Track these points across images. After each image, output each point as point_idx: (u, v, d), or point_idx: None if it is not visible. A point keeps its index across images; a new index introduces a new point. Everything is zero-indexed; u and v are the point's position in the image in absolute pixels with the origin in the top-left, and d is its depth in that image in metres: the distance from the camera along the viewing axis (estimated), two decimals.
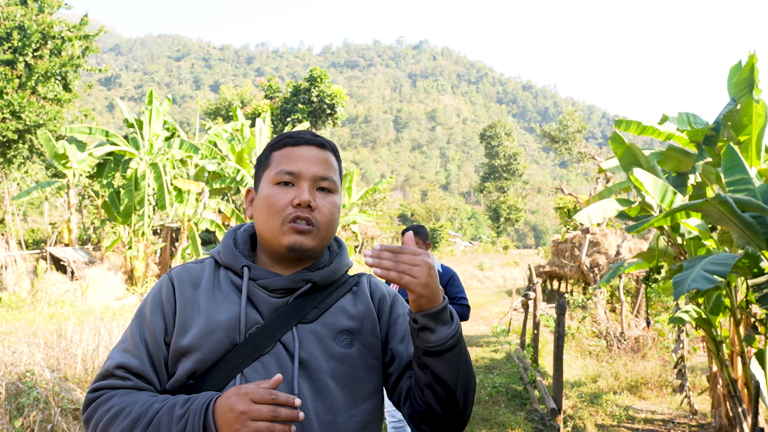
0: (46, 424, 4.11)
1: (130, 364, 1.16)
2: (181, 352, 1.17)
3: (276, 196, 1.22)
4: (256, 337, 1.17)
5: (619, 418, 6.03)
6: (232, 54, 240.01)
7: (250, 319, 1.19)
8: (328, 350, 1.19)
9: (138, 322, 1.23)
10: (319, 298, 1.25)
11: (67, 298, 12.93)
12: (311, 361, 1.17)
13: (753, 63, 4.30)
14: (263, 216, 1.24)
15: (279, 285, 1.23)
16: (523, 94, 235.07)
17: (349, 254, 1.41)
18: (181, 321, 1.19)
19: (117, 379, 1.15)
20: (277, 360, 1.16)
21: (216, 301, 1.21)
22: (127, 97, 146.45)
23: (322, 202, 1.24)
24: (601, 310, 11.01)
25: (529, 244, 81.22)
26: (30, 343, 6.07)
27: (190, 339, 1.16)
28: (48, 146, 14.78)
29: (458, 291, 3.85)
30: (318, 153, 1.27)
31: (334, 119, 26.21)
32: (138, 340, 1.19)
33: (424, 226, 4.32)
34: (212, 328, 1.17)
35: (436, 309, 1.10)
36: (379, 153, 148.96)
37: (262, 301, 1.21)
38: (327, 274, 1.27)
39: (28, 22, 14.89)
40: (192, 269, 1.28)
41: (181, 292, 1.23)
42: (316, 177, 1.24)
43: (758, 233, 3.63)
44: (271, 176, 1.25)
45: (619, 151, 4.86)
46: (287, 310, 1.21)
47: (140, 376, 1.16)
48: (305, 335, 1.19)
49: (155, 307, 1.22)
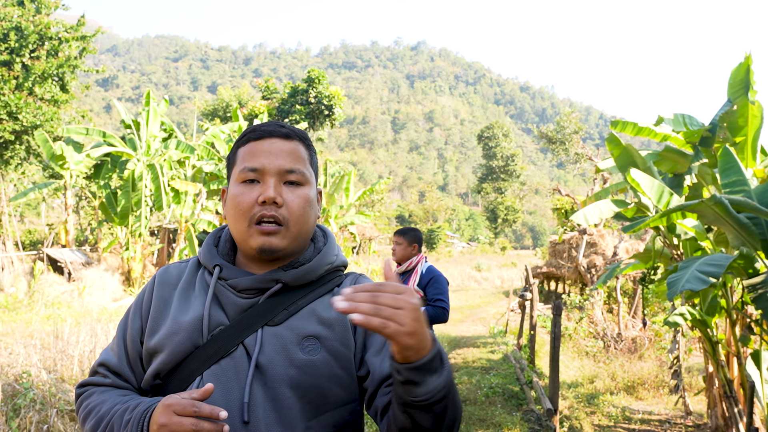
0: (42, 425, 4.10)
1: (110, 362, 1.21)
2: (150, 353, 1.17)
3: (241, 196, 1.16)
4: (218, 339, 1.13)
5: (615, 418, 6.04)
6: (230, 55, 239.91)
7: (215, 320, 1.15)
8: (288, 356, 1.11)
9: (123, 321, 1.25)
10: (291, 300, 1.17)
11: (63, 300, 12.90)
12: (269, 367, 1.10)
13: (748, 64, 4.32)
14: (231, 218, 1.19)
15: (247, 285, 1.17)
16: (521, 95, 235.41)
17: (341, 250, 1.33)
18: (152, 322, 1.19)
19: (99, 376, 1.22)
20: (235, 364, 1.11)
21: (187, 301, 1.20)
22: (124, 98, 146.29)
23: (290, 197, 1.17)
24: (598, 310, 11.03)
25: (527, 245, 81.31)
26: (27, 344, 6.07)
27: (156, 340, 1.16)
28: (45, 147, 14.76)
29: (437, 293, 3.77)
30: (283, 144, 1.19)
31: (332, 120, 26.22)
32: (120, 339, 1.23)
33: (416, 228, 4.27)
34: (176, 329, 1.15)
35: (424, 360, 0.93)
36: (377, 154, 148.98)
37: (228, 302, 1.17)
38: (300, 274, 1.19)
39: (25, 23, 14.88)
40: (175, 269, 1.28)
41: (159, 292, 1.23)
42: (282, 170, 1.17)
43: (753, 234, 3.65)
44: (236, 174, 1.19)
45: (615, 152, 4.88)
46: (254, 312, 1.15)
47: (117, 374, 1.20)
48: (268, 339, 1.13)
49: (136, 307, 1.24)
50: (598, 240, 14.31)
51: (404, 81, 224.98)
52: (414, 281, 3.93)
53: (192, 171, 17.06)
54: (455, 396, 1.02)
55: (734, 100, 4.36)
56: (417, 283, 3.90)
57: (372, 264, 26.37)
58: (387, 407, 1.09)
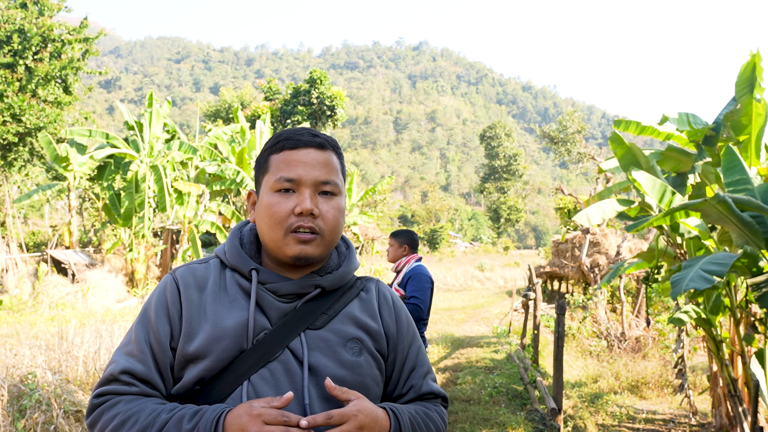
0: (48, 426, 4.12)
1: (135, 369, 1.13)
2: (188, 359, 1.14)
3: (277, 205, 1.18)
4: (264, 344, 1.14)
5: (619, 418, 6.04)
6: (232, 56, 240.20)
7: (258, 324, 1.16)
8: (337, 358, 1.17)
9: (143, 325, 1.19)
10: (327, 303, 1.22)
11: (68, 301, 12.93)
12: (320, 368, 1.15)
13: (756, 62, 4.30)
14: (265, 225, 1.20)
15: (288, 290, 1.19)
16: (523, 94, 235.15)
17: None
18: (187, 326, 1.16)
19: (122, 384, 1.13)
20: (285, 367, 1.14)
21: (223, 305, 1.18)
22: (127, 100, 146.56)
23: (325, 208, 1.19)
24: (602, 310, 11.02)
25: (530, 244, 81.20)
26: (31, 345, 6.08)
27: (198, 345, 1.13)
28: (48, 149, 14.81)
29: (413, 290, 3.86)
30: (318, 155, 1.21)
31: (334, 121, 26.25)
32: (143, 344, 1.16)
33: (409, 230, 4.32)
34: (220, 334, 1.14)
35: None
36: (379, 154, 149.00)
37: (270, 306, 1.18)
38: (336, 279, 1.24)
39: (28, 25, 14.92)
40: (197, 270, 1.24)
41: (187, 295, 1.19)
42: (318, 182, 1.19)
43: (757, 233, 3.64)
44: (271, 183, 1.20)
45: (618, 152, 4.87)
46: (295, 316, 1.18)
47: (146, 382, 1.14)
48: (314, 342, 1.17)
49: (160, 310, 1.19)
50: (601, 239, 14.30)
51: (406, 81, 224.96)
52: (397, 281, 4.08)
53: (195, 172, 17.09)
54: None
55: (739, 99, 4.36)
56: (399, 283, 4.03)
57: (375, 265, 26.37)
58: None
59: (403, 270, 4.08)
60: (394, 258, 4.20)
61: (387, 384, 1.28)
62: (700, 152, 4.56)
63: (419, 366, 1.31)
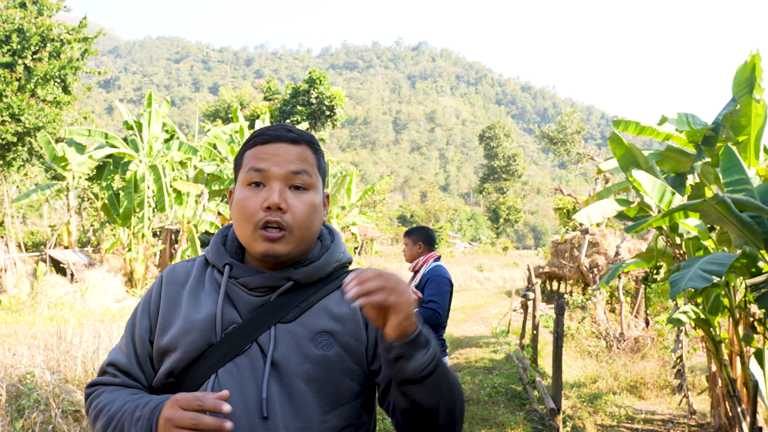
0: (46, 426, 4.11)
1: (119, 361, 1.21)
2: (162, 352, 1.18)
3: (246, 200, 1.16)
4: (231, 337, 1.14)
5: (618, 418, 6.04)
6: (231, 56, 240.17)
7: (227, 318, 1.16)
8: (303, 352, 1.13)
9: (131, 320, 1.26)
10: (302, 297, 1.19)
11: (66, 301, 12.92)
12: (284, 363, 1.12)
13: (755, 62, 4.30)
14: (236, 221, 1.19)
15: (259, 283, 1.18)
16: (522, 95, 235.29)
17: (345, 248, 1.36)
18: (162, 320, 1.20)
19: (108, 375, 1.22)
20: (250, 361, 1.13)
21: (198, 299, 1.20)
22: (126, 100, 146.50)
23: (294, 202, 1.16)
24: (601, 310, 11.02)
25: (529, 244, 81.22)
26: (30, 345, 6.07)
27: (169, 339, 1.17)
28: (47, 149, 14.79)
29: (431, 293, 3.65)
30: (290, 149, 1.19)
31: (334, 121, 26.25)
32: (128, 338, 1.24)
33: (423, 227, 4.12)
34: (189, 327, 1.16)
35: (414, 334, 1.02)
36: (379, 154, 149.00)
37: (240, 300, 1.18)
38: (310, 272, 1.21)
39: (27, 24, 14.90)
40: (182, 267, 1.28)
41: (167, 291, 1.24)
42: (288, 175, 1.17)
43: (756, 233, 3.65)
44: (242, 177, 1.19)
45: (617, 152, 4.87)
46: (266, 309, 1.17)
47: (127, 374, 1.21)
48: (282, 336, 1.14)
49: (144, 306, 1.25)
50: (601, 240, 14.30)
51: (405, 81, 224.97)
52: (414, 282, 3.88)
53: (194, 172, 17.08)
54: (448, 375, 1.09)
55: (738, 99, 4.36)
56: (416, 285, 3.84)
57: (374, 264, 26.36)
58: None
59: (420, 271, 3.89)
60: (411, 258, 4.01)
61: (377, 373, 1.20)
62: (700, 152, 4.57)
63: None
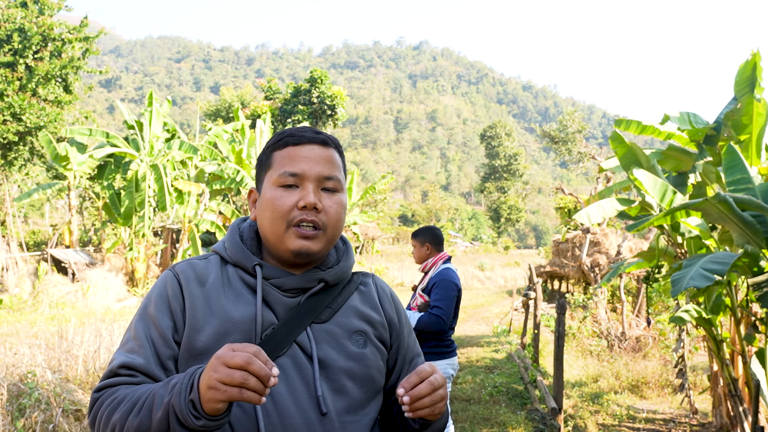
0: (47, 425, 4.11)
1: (135, 363, 1.12)
2: (196, 353, 1.13)
3: (280, 199, 1.18)
4: (272, 339, 1.15)
5: (620, 417, 6.03)
6: (232, 55, 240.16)
7: (266, 319, 1.16)
8: (344, 350, 1.19)
9: (143, 320, 1.17)
10: (330, 297, 1.23)
11: (68, 300, 12.94)
12: (329, 361, 1.17)
13: (756, 61, 4.30)
14: (267, 219, 1.20)
15: (293, 285, 1.20)
16: (524, 94, 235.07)
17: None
18: (192, 319, 1.15)
19: (121, 377, 1.12)
20: (293, 361, 1.15)
21: (228, 300, 1.17)
22: (127, 99, 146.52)
23: (328, 203, 1.20)
24: (602, 309, 11.01)
25: (530, 244, 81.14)
26: (31, 344, 6.08)
27: (206, 340, 1.13)
28: (49, 148, 14.81)
29: (437, 298, 3.53)
30: (321, 151, 1.22)
31: (335, 120, 26.23)
32: (143, 339, 1.14)
33: (429, 226, 4.03)
34: (228, 329, 1.14)
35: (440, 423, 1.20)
36: (380, 154, 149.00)
37: (276, 301, 1.19)
38: (338, 273, 1.26)
39: (29, 24, 14.92)
40: (197, 265, 1.23)
41: (189, 289, 1.18)
42: (321, 177, 1.20)
43: (758, 232, 3.64)
44: (274, 178, 1.20)
45: (619, 151, 4.86)
46: (300, 310, 1.19)
47: (146, 374, 1.12)
48: (320, 335, 1.18)
49: (161, 304, 1.17)
50: (602, 239, 14.29)
51: (407, 81, 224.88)
52: (422, 285, 3.78)
53: (195, 171, 17.09)
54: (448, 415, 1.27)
55: (740, 98, 4.35)
56: (423, 288, 3.74)
57: (375, 264, 26.37)
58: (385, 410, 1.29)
59: (429, 273, 3.79)
60: (420, 259, 3.91)
61: (390, 374, 1.30)
62: (701, 151, 4.56)
63: (417, 356, 1.36)
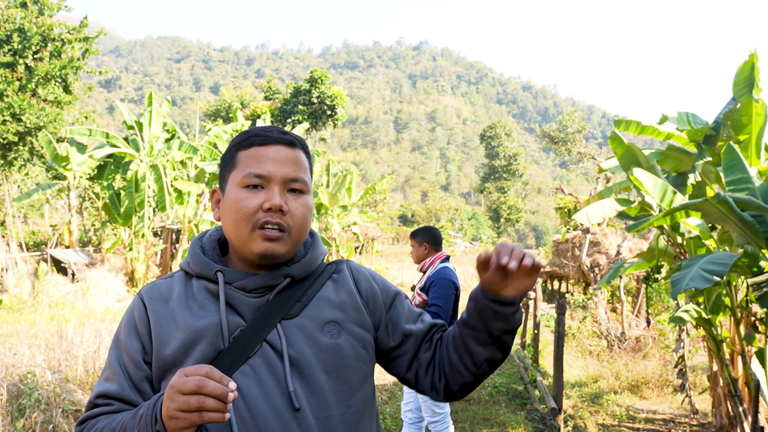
0: (47, 425, 4.11)
1: (110, 391, 1.14)
2: (166, 368, 1.13)
3: (244, 201, 1.15)
4: (240, 340, 1.13)
5: (620, 417, 6.03)
6: (232, 56, 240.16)
7: (232, 323, 1.15)
8: (316, 343, 1.16)
9: (115, 348, 1.20)
10: (300, 291, 1.21)
11: (67, 300, 12.93)
12: (300, 357, 1.14)
13: (753, 62, 4.30)
14: (231, 221, 1.17)
15: (257, 284, 1.18)
16: (523, 94, 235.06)
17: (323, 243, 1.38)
18: (157, 337, 1.15)
19: (100, 407, 1.15)
20: (265, 360, 1.13)
21: (192, 312, 1.17)
22: (127, 99, 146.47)
23: (293, 205, 1.18)
24: (602, 310, 11.01)
25: (530, 244, 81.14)
26: (31, 344, 6.08)
27: (172, 353, 1.13)
28: (48, 148, 14.80)
29: (434, 297, 3.58)
30: (288, 152, 1.20)
31: (335, 120, 26.23)
32: (116, 366, 1.17)
33: (427, 227, 4.06)
34: (194, 339, 1.13)
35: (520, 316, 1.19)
36: (380, 154, 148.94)
37: (241, 304, 1.17)
38: (304, 266, 1.23)
39: (28, 24, 14.91)
40: (161, 285, 1.24)
41: (153, 308, 1.19)
42: (287, 179, 1.18)
43: (758, 232, 3.64)
44: (239, 178, 1.17)
45: (618, 151, 4.86)
46: (269, 308, 1.17)
47: (121, 401, 1.14)
48: (291, 331, 1.16)
49: (129, 330, 1.19)
50: (602, 239, 14.28)
51: (406, 81, 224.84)
52: (419, 285, 3.80)
53: (195, 171, 17.08)
54: None
55: (738, 98, 4.35)
56: (420, 287, 3.76)
57: (375, 264, 26.36)
58: (431, 360, 1.27)
59: (427, 272, 3.82)
60: (418, 259, 3.96)
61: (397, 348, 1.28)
62: (701, 151, 4.56)
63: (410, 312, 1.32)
